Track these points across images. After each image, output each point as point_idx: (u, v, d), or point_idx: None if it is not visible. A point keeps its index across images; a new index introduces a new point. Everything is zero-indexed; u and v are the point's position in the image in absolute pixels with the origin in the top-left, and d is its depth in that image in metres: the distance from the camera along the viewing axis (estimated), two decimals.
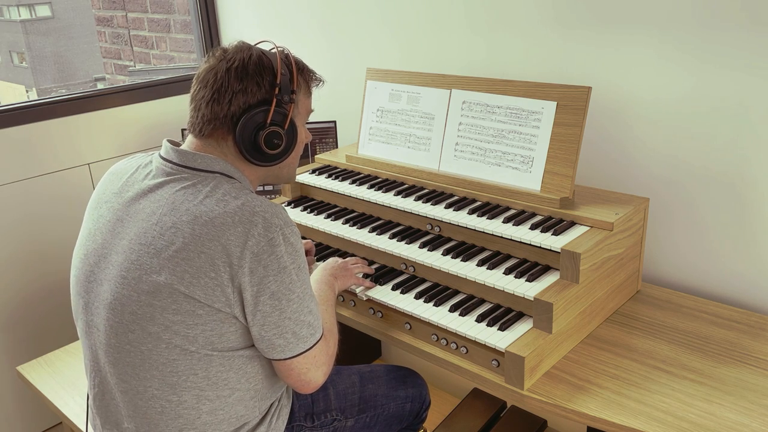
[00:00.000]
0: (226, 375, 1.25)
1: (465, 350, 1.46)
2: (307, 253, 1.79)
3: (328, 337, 1.34)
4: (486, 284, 1.51)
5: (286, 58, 1.35)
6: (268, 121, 1.30)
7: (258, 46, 1.37)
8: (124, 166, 1.38)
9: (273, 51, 1.35)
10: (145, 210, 1.24)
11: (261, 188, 2.43)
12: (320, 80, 1.44)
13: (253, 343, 1.26)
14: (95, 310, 1.28)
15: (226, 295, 1.18)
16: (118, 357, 1.25)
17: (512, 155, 1.71)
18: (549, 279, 1.49)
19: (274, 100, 1.30)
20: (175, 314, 1.19)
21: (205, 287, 1.17)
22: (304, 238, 1.93)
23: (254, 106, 1.29)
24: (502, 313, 1.48)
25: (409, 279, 1.66)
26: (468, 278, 1.54)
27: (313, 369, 1.29)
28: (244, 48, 1.32)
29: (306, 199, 2.05)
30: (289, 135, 1.35)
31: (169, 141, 1.34)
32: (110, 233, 1.28)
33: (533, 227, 1.58)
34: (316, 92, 1.44)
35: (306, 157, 2.42)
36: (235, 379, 1.27)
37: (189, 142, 1.33)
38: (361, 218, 1.86)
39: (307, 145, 2.41)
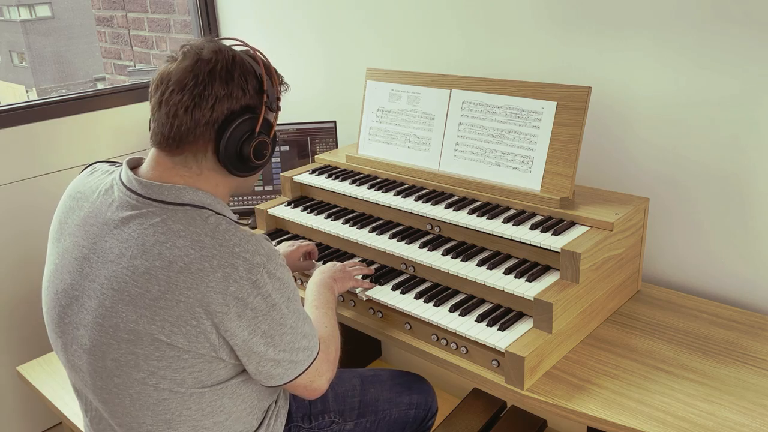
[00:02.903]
0: (220, 402, 1.22)
1: (465, 350, 1.46)
2: (310, 255, 1.78)
3: (328, 343, 1.34)
4: (486, 284, 1.51)
5: (267, 62, 1.26)
6: (257, 129, 1.21)
7: (227, 44, 1.26)
8: (83, 189, 1.27)
9: (246, 50, 1.26)
10: (113, 250, 1.16)
11: (261, 188, 2.43)
12: (288, 85, 1.35)
13: (246, 371, 1.22)
14: (75, 353, 1.22)
15: (210, 341, 1.13)
16: (107, 398, 1.21)
17: (512, 155, 1.71)
18: (549, 279, 1.49)
19: (263, 107, 1.22)
20: (159, 360, 1.14)
21: (187, 335, 1.12)
22: (304, 239, 1.93)
23: (237, 113, 1.19)
24: (502, 313, 1.48)
25: (409, 279, 1.66)
26: (468, 278, 1.54)
27: (317, 379, 1.28)
28: (223, 48, 1.20)
29: (306, 199, 2.05)
30: (273, 144, 1.28)
31: (130, 164, 1.24)
32: (78, 273, 1.20)
33: (533, 227, 1.58)
34: (316, 92, 1.42)
35: (306, 156, 2.42)
36: (231, 404, 1.24)
37: (153, 163, 1.21)
38: (361, 218, 1.86)
39: (307, 144, 2.42)
